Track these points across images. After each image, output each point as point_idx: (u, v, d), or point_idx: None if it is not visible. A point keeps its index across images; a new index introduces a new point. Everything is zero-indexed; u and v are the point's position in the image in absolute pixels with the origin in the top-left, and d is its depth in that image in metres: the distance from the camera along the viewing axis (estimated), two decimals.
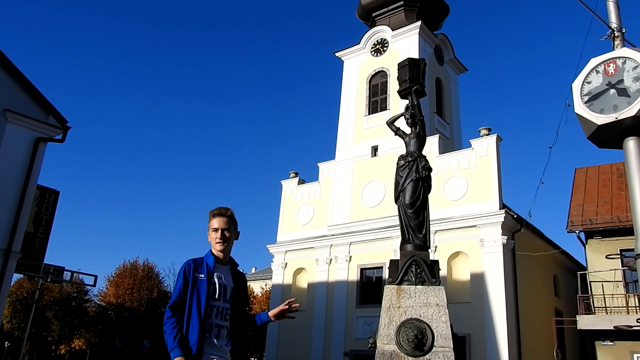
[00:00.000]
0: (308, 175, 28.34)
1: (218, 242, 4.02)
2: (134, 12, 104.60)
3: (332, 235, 24.97)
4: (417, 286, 5.66)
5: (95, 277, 24.35)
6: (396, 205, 6.35)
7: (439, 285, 5.66)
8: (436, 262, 5.86)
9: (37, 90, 14.94)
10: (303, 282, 26.10)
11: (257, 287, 45.95)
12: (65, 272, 23.97)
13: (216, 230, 4.03)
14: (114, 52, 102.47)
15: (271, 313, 4.23)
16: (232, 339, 4.05)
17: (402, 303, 5.55)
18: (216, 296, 3.94)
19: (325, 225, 25.54)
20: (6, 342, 40.23)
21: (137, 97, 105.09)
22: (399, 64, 7.07)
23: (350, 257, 24.26)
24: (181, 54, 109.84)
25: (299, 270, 26.35)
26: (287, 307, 4.21)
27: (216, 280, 3.97)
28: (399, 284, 5.72)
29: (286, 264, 26.68)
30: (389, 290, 5.71)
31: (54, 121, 15.11)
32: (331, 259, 24.90)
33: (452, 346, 5.27)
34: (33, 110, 14.70)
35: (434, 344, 5.31)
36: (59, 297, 40.00)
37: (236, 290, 4.09)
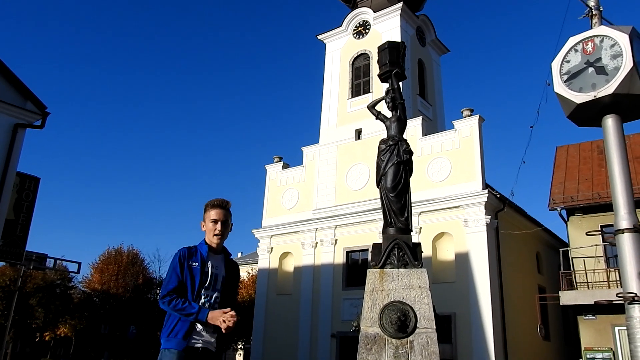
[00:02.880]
0: (292, 160, 28.30)
1: (217, 234, 4.12)
2: None
3: (318, 219, 25.01)
4: (400, 269, 5.68)
5: (79, 264, 24.16)
6: (378, 190, 6.35)
7: (421, 267, 5.69)
8: (418, 244, 5.88)
9: (15, 76, 14.61)
10: (289, 266, 26.17)
11: (243, 272, 45.90)
12: (48, 259, 23.77)
13: (215, 221, 4.13)
14: (92, 33, 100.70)
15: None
16: (218, 327, 4.05)
17: (385, 286, 5.57)
18: (206, 284, 4.02)
19: (310, 209, 25.56)
20: None
21: (116, 76, 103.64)
22: (378, 47, 7.00)
23: (336, 240, 24.34)
24: (162, 37, 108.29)
25: (284, 255, 26.40)
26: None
27: (209, 269, 4.06)
28: (382, 267, 5.73)
29: (272, 248, 26.70)
30: (372, 274, 5.73)
31: (33, 107, 14.82)
32: (317, 243, 24.97)
33: (434, 327, 5.31)
34: (11, 96, 14.39)
35: (417, 325, 5.34)
36: (43, 285, 39.63)
37: (227, 279, 4.19)
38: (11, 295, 27.30)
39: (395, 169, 6.14)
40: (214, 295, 4.04)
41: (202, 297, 3.97)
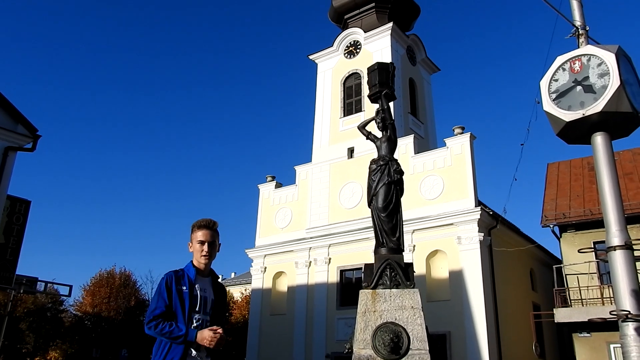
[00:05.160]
0: (285, 179, 28.30)
1: (204, 255, 4.02)
2: (99, 9, 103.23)
3: (311, 237, 24.93)
4: (392, 290, 5.64)
5: (70, 286, 23.99)
6: (370, 210, 6.34)
7: (413, 288, 5.65)
8: (410, 264, 5.85)
9: (6, 99, 14.60)
10: (283, 285, 25.99)
11: (236, 292, 45.63)
12: (38, 283, 23.54)
13: (202, 242, 4.03)
14: (83, 55, 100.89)
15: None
16: (211, 351, 3.98)
17: (378, 307, 5.52)
18: (197, 308, 3.93)
19: (303, 228, 25.48)
20: None
21: (109, 100, 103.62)
22: (368, 68, 7.07)
23: (330, 259, 24.23)
24: (153, 57, 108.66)
25: (278, 274, 26.24)
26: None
27: (198, 292, 3.97)
28: (374, 288, 5.70)
29: (265, 268, 26.54)
30: (364, 295, 5.69)
31: (24, 130, 14.78)
32: (310, 262, 24.85)
33: (427, 348, 5.26)
34: (1, 119, 14.37)
35: (410, 347, 5.29)
36: (33, 308, 39.15)
37: (216, 302, 4.10)
38: (1, 319, 26.93)
39: (386, 189, 6.14)
40: (205, 320, 3.96)
41: (194, 321, 3.89)
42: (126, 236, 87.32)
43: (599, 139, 3.95)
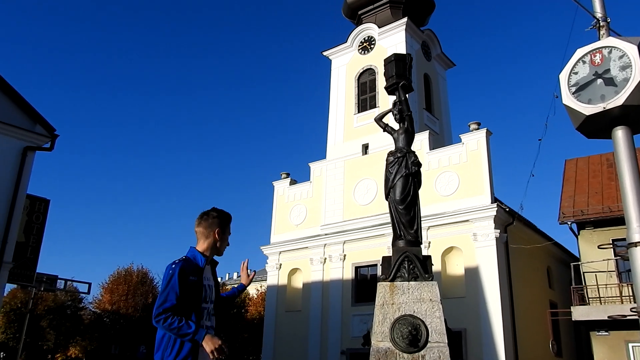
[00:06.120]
0: (300, 176, 28.33)
1: (224, 248, 4.16)
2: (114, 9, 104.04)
3: (326, 234, 24.95)
4: (410, 282, 5.63)
5: (89, 284, 24.25)
6: (387, 202, 6.31)
7: (432, 280, 5.63)
8: (428, 257, 5.83)
9: (24, 99, 14.82)
10: (298, 282, 26.06)
11: (252, 289, 45.87)
12: (58, 281, 23.89)
13: (228, 236, 4.19)
14: (101, 54, 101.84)
15: (243, 281, 4.63)
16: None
17: (396, 300, 5.52)
18: (207, 299, 3.93)
19: (318, 225, 25.51)
20: (2, 353, 39.90)
21: (125, 99, 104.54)
22: (385, 60, 7.01)
23: (345, 255, 24.23)
24: (170, 57, 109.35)
25: (293, 271, 26.30)
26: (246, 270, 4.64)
27: (205, 282, 3.95)
28: (392, 280, 5.69)
29: (280, 264, 26.62)
30: (382, 288, 5.68)
31: (42, 130, 14.99)
32: (325, 259, 24.87)
33: (446, 341, 5.25)
34: (20, 120, 14.58)
35: (429, 339, 5.29)
36: (53, 306, 39.74)
37: (216, 288, 4.15)
38: (22, 317, 27.36)
39: (403, 181, 6.11)
40: (211, 308, 3.98)
41: (205, 311, 3.88)
42: (143, 234, 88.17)
43: (619, 134, 3.91)
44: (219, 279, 4.53)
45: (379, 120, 7.07)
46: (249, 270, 4.70)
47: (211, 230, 4.06)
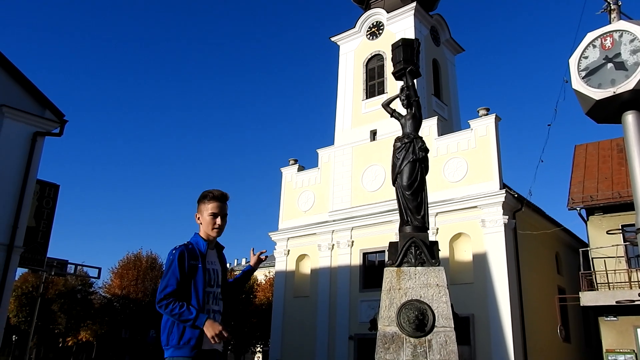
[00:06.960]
0: (308, 162, 28.37)
1: (216, 229, 3.93)
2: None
3: (334, 220, 25.00)
4: (417, 267, 5.64)
5: (99, 269, 24.52)
6: (394, 188, 6.31)
7: (438, 265, 5.64)
8: (435, 242, 5.84)
9: (33, 85, 14.87)
10: (306, 268, 26.19)
11: (260, 275, 46.16)
12: (69, 265, 24.18)
13: (215, 215, 3.92)
14: (109, 42, 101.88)
15: (252, 263, 4.43)
16: (225, 322, 3.96)
17: (402, 285, 5.54)
18: (212, 282, 3.88)
19: (326, 211, 25.56)
20: (13, 336, 40.55)
21: (132, 83, 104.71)
22: (392, 45, 6.96)
23: (352, 242, 24.30)
24: (177, 43, 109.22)
25: (301, 257, 26.43)
26: (258, 255, 4.44)
27: (209, 266, 3.90)
28: (399, 265, 5.70)
29: (289, 250, 26.74)
30: (388, 273, 5.70)
31: (51, 115, 15.07)
32: (333, 245, 24.95)
33: (453, 326, 5.27)
34: (29, 105, 14.66)
35: (435, 324, 5.32)
36: (64, 290, 40.26)
37: (223, 272, 4.06)
38: (34, 301, 27.73)
39: (411, 167, 6.10)
40: (217, 292, 3.93)
41: (211, 295, 3.85)
42: (152, 220, 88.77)
43: (630, 118, 3.86)
44: (227, 265, 4.48)
45: (386, 105, 7.04)
46: (260, 255, 4.52)
47: (197, 214, 4.03)
